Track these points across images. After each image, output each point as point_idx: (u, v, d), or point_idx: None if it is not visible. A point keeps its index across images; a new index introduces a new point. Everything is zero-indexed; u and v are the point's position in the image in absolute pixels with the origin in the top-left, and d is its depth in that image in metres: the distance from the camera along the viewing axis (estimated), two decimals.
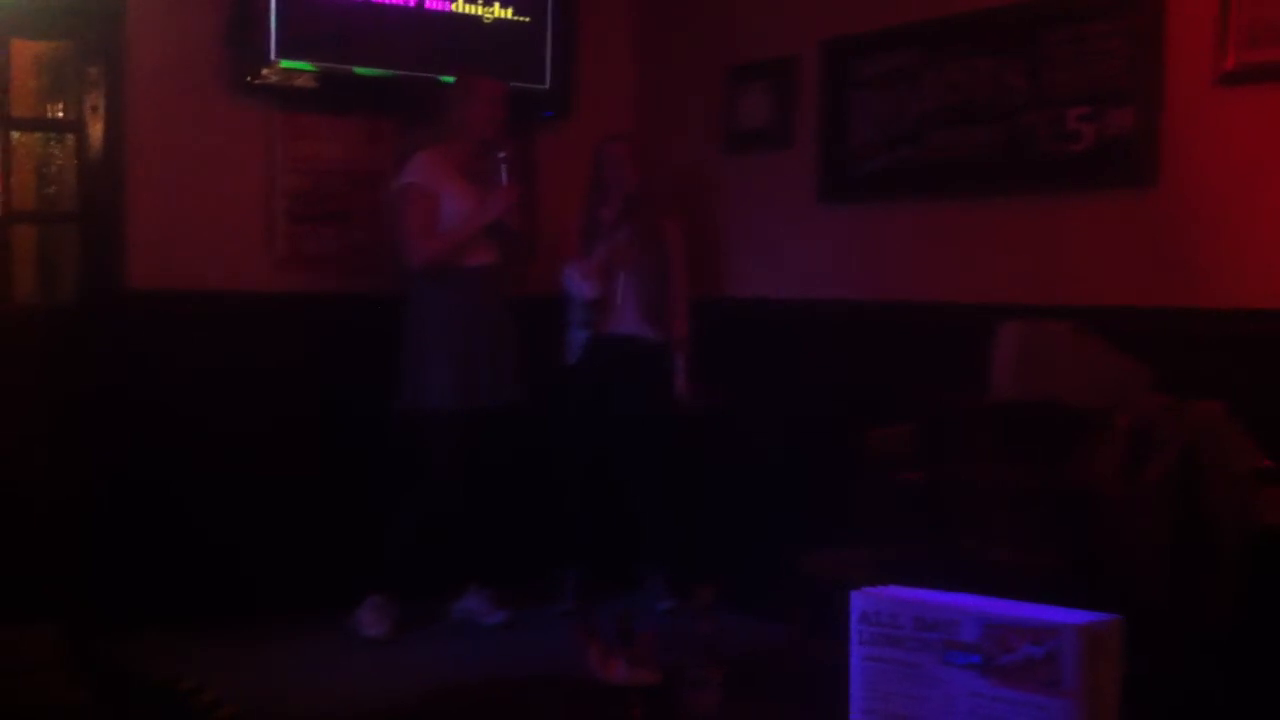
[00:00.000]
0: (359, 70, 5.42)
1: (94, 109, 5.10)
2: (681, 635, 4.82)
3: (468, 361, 4.97)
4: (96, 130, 5.11)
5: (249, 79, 5.22)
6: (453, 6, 5.57)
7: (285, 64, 5.25)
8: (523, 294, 5.30)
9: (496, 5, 5.66)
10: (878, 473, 4.03)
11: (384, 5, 5.42)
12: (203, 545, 5.12)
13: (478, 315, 5.03)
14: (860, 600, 1.87)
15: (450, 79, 5.33)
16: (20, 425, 5.00)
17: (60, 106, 5.38)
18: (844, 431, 4.39)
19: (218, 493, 5.16)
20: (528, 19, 5.75)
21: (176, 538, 5.10)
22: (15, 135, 5.21)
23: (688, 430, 5.49)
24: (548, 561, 5.48)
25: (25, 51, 5.29)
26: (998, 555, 3.57)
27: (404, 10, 5.46)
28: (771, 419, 5.44)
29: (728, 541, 5.52)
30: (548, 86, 5.84)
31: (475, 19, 5.63)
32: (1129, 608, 1.87)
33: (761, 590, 4.88)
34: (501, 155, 5.04)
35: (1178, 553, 3.39)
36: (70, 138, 5.22)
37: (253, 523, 5.21)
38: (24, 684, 4.31)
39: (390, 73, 5.47)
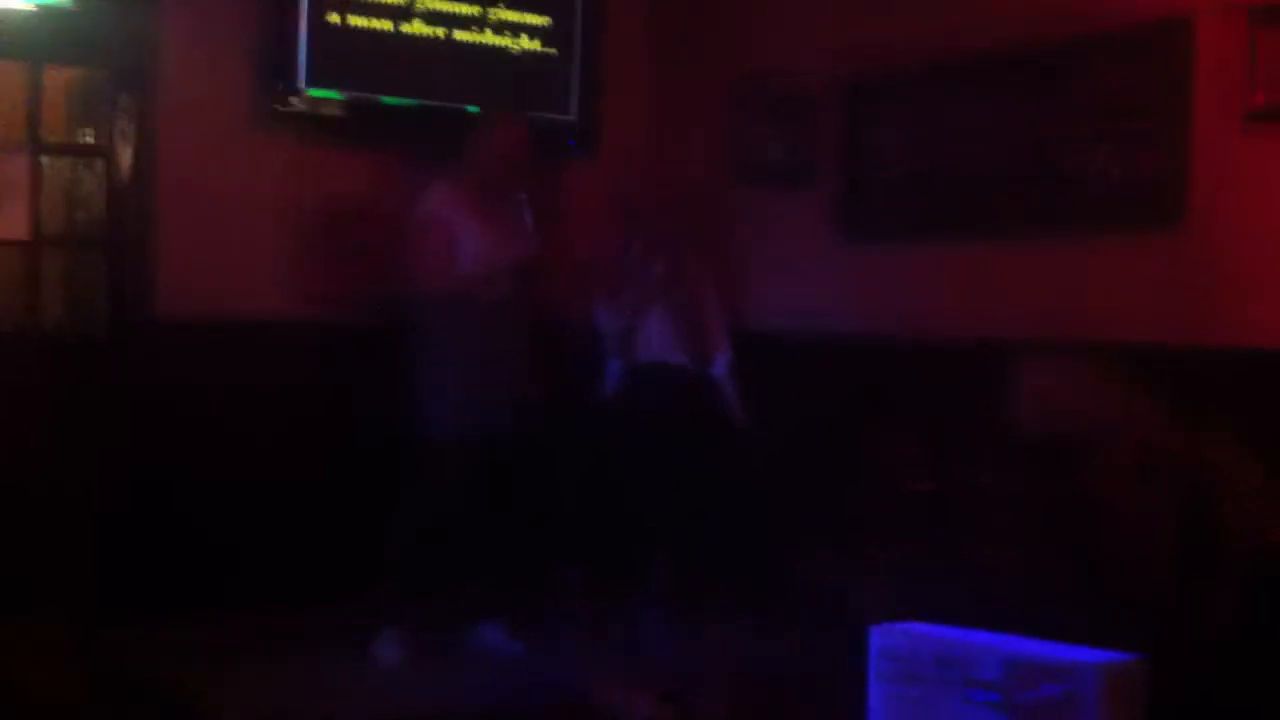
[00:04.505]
0: (387, 100, 5.44)
1: (124, 135, 5.13)
2: (690, 646, 4.84)
3: (478, 389, 4.93)
4: (126, 156, 5.14)
5: (278, 107, 5.25)
6: (481, 38, 5.59)
7: (314, 92, 5.28)
8: (546, 319, 5.28)
9: (524, 36, 5.69)
10: (885, 481, 4.03)
11: (413, 35, 5.45)
12: (219, 559, 5.13)
13: (491, 345, 4.99)
14: (880, 636, 1.86)
15: (478, 109, 5.35)
16: (44, 446, 5.02)
17: (91, 132, 5.41)
18: (854, 441, 4.38)
19: (241, 516, 5.17)
20: (555, 51, 5.78)
21: (174, 539, 5.09)
22: (45, 160, 5.24)
23: (727, 456, 5.47)
24: (552, 564, 5.47)
25: (57, 77, 5.33)
26: (1005, 564, 3.55)
27: (433, 40, 5.49)
28: (795, 448, 5.43)
29: (739, 550, 5.48)
30: (574, 118, 5.85)
31: (503, 50, 5.65)
32: (1136, 618, 1.86)
33: (771, 598, 4.87)
34: (521, 197, 5.03)
35: (1185, 566, 3.37)
36: (100, 163, 5.25)
37: (273, 538, 5.21)
38: (25, 682, 4.33)
39: (418, 102, 5.50)
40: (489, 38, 5.62)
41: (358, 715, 4.27)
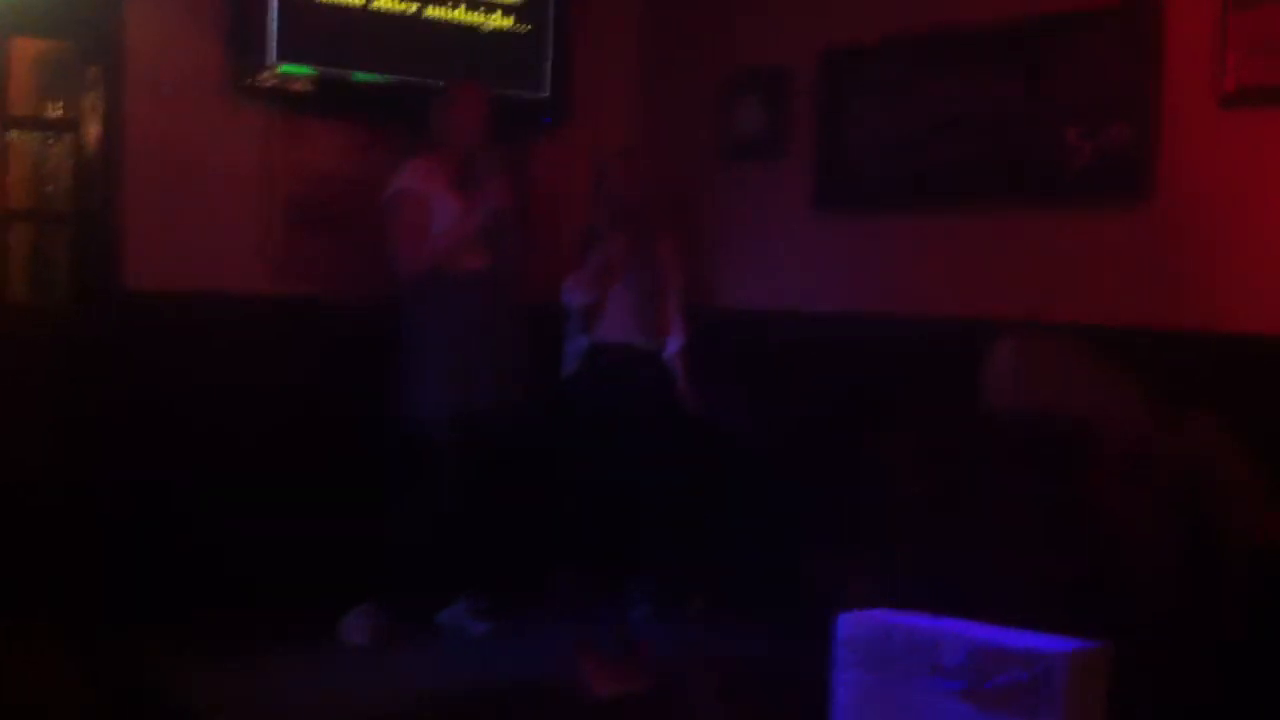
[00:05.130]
0: (357, 76, 5.41)
1: (92, 109, 5.09)
2: (677, 644, 4.85)
3: (462, 368, 4.95)
4: (94, 130, 5.10)
5: (247, 82, 5.21)
6: (453, 14, 5.57)
7: (284, 68, 5.24)
8: (522, 301, 5.27)
9: (497, 13, 5.66)
10: (878, 481, 4.02)
11: (384, 11, 5.41)
12: (198, 545, 5.10)
13: (473, 320, 5.01)
14: (846, 624, 1.86)
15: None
16: (15, 424, 4.99)
17: (59, 106, 5.38)
18: (844, 439, 4.39)
19: (210, 493, 5.14)
20: (528, 27, 5.75)
21: (172, 537, 5.07)
22: (13, 134, 5.20)
23: (691, 440, 5.46)
24: (539, 565, 5.46)
25: (24, 50, 5.28)
26: (999, 566, 3.56)
27: (404, 17, 5.45)
28: (770, 427, 5.44)
29: (728, 549, 5.50)
30: (547, 94, 5.83)
31: (475, 27, 5.62)
32: (1135, 621, 1.86)
33: (761, 599, 4.88)
34: (489, 157, 5.04)
35: (1184, 566, 3.38)
36: (68, 137, 5.22)
37: (248, 524, 5.17)
38: (23, 682, 4.32)
39: (389, 78, 5.46)
40: (460, 14, 5.58)
41: (355, 712, 4.27)
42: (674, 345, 5.41)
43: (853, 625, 1.85)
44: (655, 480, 5.35)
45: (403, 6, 5.44)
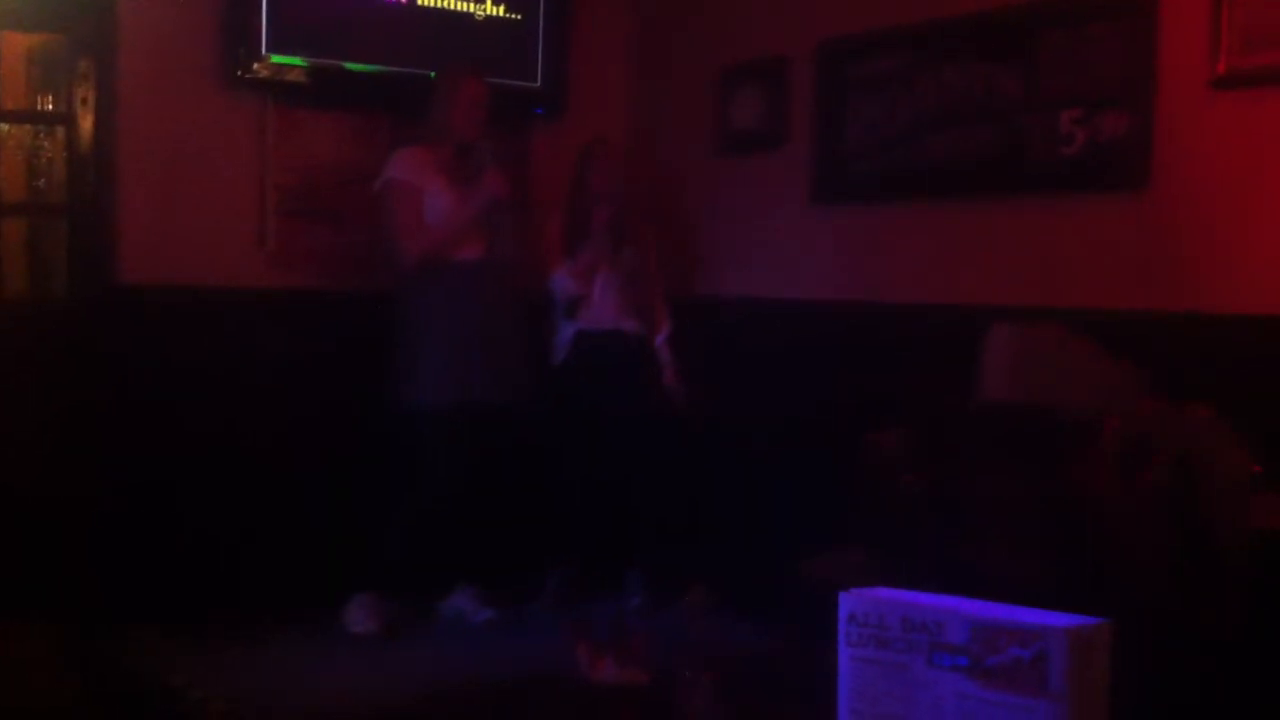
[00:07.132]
0: (350, 65, 5.41)
1: (84, 102, 5.08)
2: (673, 636, 4.86)
3: (461, 357, 4.94)
4: (87, 123, 5.09)
5: (240, 73, 5.20)
6: (444, 3, 5.56)
7: (276, 59, 5.23)
8: (520, 292, 5.26)
9: (489, 2, 5.66)
10: (875, 476, 4.02)
11: (376, 1, 5.41)
12: (196, 542, 5.10)
13: (471, 310, 5.00)
14: (848, 601, 1.86)
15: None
16: (11, 420, 4.98)
17: (51, 99, 5.37)
18: (840, 433, 4.39)
19: (207, 488, 5.14)
20: (519, 16, 5.75)
21: (169, 534, 5.08)
22: (5, 127, 5.20)
23: (683, 430, 5.46)
24: (536, 558, 5.46)
25: (16, 44, 5.28)
26: (997, 561, 3.56)
27: (396, 6, 5.46)
28: (767, 420, 5.43)
29: (723, 543, 5.50)
30: (539, 84, 5.83)
31: (467, 15, 5.62)
32: (1133, 614, 1.86)
33: (757, 593, 4.87)
34: (483, 146, 5.02)
35: (1180, 559, 3.38)
36: (60, 130, 5.21)
37: (246, 519, 5.19)
38: (18, 682, 4.31)
39: (382, 68, 5.46)
40: (452, 3, 5.58)
41: (354, 706, 4.27)
42: (661, 334, 5.42)
43: (854, 602, 1.85)
44: (647, 472, 5.35)
45: None
